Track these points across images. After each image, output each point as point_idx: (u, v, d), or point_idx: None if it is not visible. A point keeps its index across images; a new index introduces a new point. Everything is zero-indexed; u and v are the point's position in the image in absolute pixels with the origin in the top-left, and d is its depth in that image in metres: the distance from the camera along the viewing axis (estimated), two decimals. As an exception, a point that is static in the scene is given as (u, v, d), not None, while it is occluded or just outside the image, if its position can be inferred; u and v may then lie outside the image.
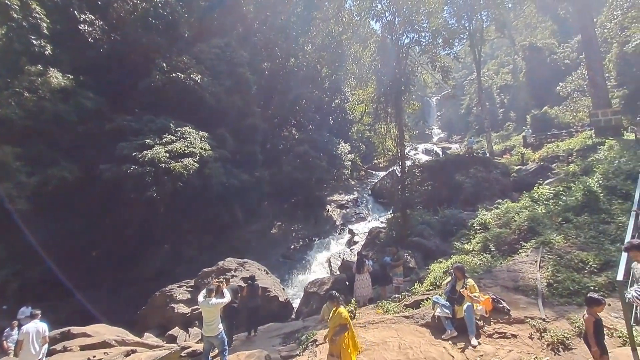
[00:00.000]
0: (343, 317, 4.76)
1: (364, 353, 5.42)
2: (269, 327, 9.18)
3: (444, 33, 23.71)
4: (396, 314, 6.86)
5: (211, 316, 6.11)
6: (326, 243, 18.87)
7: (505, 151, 27.65)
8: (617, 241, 6.82)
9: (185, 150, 16.79)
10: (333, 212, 22.65)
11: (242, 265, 12.42)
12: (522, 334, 5.33)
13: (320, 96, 30.28)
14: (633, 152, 11.98)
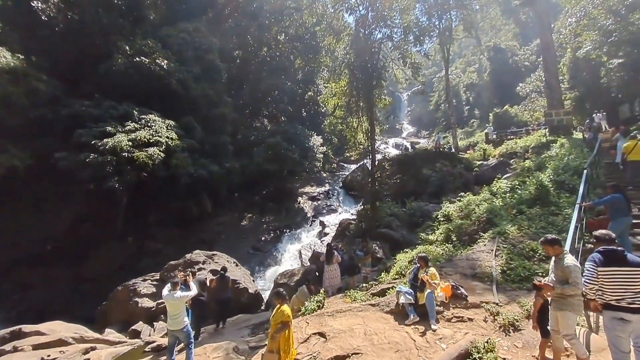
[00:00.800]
0: (285, 314, 4.85)
1: (331, 340, 5.58)
2: (238, 318, 9.15)
3: (415, 30, 24.31)
4: (363, 302, 7.09)
5: (176, 309, 5.99)
6: (297, 235, 18.96)
7: (469, 147, 29.05)
8: (564, 231, 7.44)
9: (150, 139, 16.04)
10: (304, 204, 22.73)
11: (211, 258, 12.21)
12: (478, 318, 5.71)
13: (293, 88, 30.00)
14: (580, 150, 13.09)
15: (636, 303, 3.24)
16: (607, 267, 3.40)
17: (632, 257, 3.44)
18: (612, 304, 3.36)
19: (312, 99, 31.49)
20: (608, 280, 3.37)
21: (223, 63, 23.69)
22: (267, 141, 23.19)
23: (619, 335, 3.34)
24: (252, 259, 16.98)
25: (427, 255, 6.82)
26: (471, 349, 4.65)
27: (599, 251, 3.56)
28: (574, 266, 3.78)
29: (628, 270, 3.32)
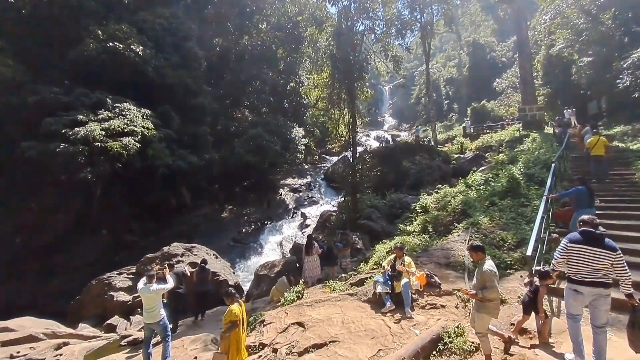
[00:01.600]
0: (233, 314, 4.82)
1: (310, 329, 5.68)
2: (217, 310, 9.12)
3: (397, 23, 24.42)
4: (341, 292, 7.24)
5: (152, 302, 5.91)
6: (278, 226, 18.95)
7: (448, 140, 29.76)
8: (532, 222, 7.82)
9: (124, 129, 15.48)
10: (286, 196, 22.70)
11: (190, 250, 12.05)
12: (450, 304, 5.97)
13: (275, 78, 29.56)
14: (550, 144, 13.72)
15: (588, 278, 3.71)
16: (577, 245, 3.84)
17: (609, 242, 3.77)
18: (572, 277, 3.87)
19: (294, 90, 31.13)
20: (574, 255, 3.84)
21: (202, 51, 23.00)
22: (248, 132, 22.86)
23: (572, 303, 3.94)
24: (232, 251, 16.87)
25: (403, 245, 7.02)
26: (442, 334, 4.87)
27: (579, 231, 3.96)
28: (490, 271, 4.03)
29: (596, 250, 3.71)
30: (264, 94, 28.81)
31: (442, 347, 4.70)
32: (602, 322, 3.74)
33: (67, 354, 7.65)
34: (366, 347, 4.99)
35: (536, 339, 4.56)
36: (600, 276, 3.69)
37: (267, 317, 6.61)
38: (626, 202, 8.22)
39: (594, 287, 3.70)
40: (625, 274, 3.61)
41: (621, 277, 3.64)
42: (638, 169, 10.08)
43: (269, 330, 6.10)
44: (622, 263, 3.62)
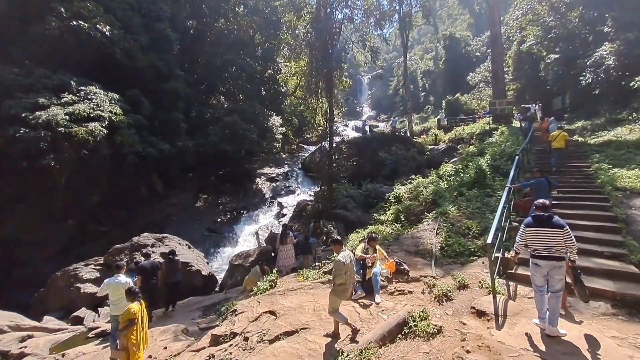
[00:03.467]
0: (131, 312, 4.82)
1: (281, 317, 5.76)
2: (189, 301, 9.04)
3: (376, 13, 24.42)
4: (314, 280, 7.35)
5: (118, 294, 5.79)
6: (254, 216, 18.82)
7: (423, 132, 30.40)
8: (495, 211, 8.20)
9: (90, 114, 14.72)
10: (263, 185, 22.51)
11: (161, 241, 11.76)
12: (417, 290, 6.22)
13: (252, 64, 28.78)
14: (515, 137, 14.38)
15: (543, 253, 4.38)
16: (532, 228, 4.53)
17: (556, 220, 4.42)
18: (532, 253, 4.53)
19: (272, 77, 30.53)
20: (531, 236, 4.53)
21: (175, 33, 22.00)
22: (223, 120, 22.29)
23: (535, 275, 4.57)
24: (207, 240, 16.64)
25: (375, 234, 7.20)
26: (408, 318, 5.07)
27: (532, 215, 4.70)
28: (337, 261, 4.72)
29: (547, 230, 4.40)
30: (241, 81, 28.07)
31: (408, 330, 4.89)
32: (557, 289, 4.38)
33: (32, 346, 7.39)
34: (336, 333, 5.13)
35: (493, 321, 4.86)
36: (553, 251, 4.34)
37: (239, 306, 6.62)
38: (581, 193, 8.81)
39: (549, 260, 4.36)
40: (572, 245, 4.31)
41: (570, 248, 4.33)
42: (594, 162, 10.79)
43: (240, 320, 6.12)
44: (570, 237, 4.30)
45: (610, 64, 16.85)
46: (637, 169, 9.43)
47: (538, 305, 4.59)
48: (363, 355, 4.29)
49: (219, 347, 5.42)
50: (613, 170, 9.68)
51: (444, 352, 4.27)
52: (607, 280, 5.53)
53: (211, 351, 5.44)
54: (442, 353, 4.26)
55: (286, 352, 4.74)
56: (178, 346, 6.13)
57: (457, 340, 4.49)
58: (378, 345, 4.54)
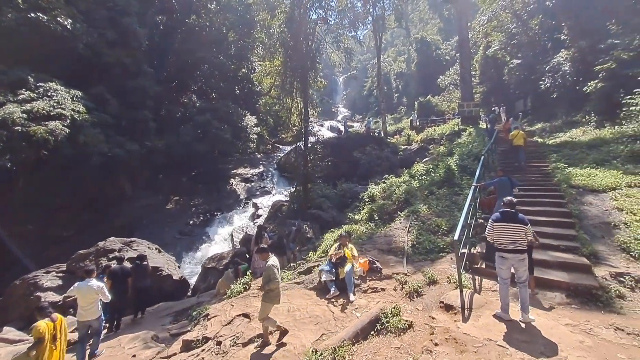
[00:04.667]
0: (37, 331, 4.38)
1: (255, 320, 5.71)
2: (159, 307, 8.73)
3: (350, 15, 24.69)
4: (289, 281, 7.35)
5: (90, 299, 5.67)
6: (229, 217, 18.46)
7: (397, 132, 31.09)
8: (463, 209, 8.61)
9: (51, 112, 13.87)
10: (237, 186, 22.12)
11: (129, 245, 11.26)
12: (389, 287, 6.37)
13: (226, 63, 28.19)
14: (481, 138, 15.09)
15: (509, 247, 4.71)
16: (499, 223, 4.85)
17: (521, 217, 4.81)
18: (498, 247, 4.85)
19: (246, 76, 30.06)
20: (498, 231, 4.84)
21: (143, 29, 21.12)
22: (195, 119, 21.70)
23: (501, 267, 4.86)
24: (178, 243, 16.13)
25: (347, 234, 7.31)
26: (380, 315, 5.20)
27: (499, 211, 5.01)
28: (268, 267, 4.82)
29: (512, 225, 4.75)
30: (214, 79, 27.45)
31: (380, 327, 5.01)
32: (522, 279, 4.74)
33: (-8, 358, 6.86)
34: (310, 333, 5.16)
35: (460, 314, 5.08)
36: (517, 245, 4.70)
37: (211, 310, 6.49)
38: (540, 191, 9.40)
39: (513, 253, 4.71)
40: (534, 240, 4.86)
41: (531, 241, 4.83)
42: (551, 162, 11.54)
43: (213, 324, 6.00)
44: (532, 233, 4.79)
45: (566, 69, 18.06)
46: (588, 168, 10.19)
47: (502, 297, 4.86)
48: (337, 354, 4.35)
49: (191, 353, 5.30)
50: (568, 169, 10.40)
51: (414, 346, 4.42)
52: (562, 272, 5.94)
53: (182, 357, 5.31)
54: (413, 347, 4.40)
55: (260, 354, 4.72)
56: (148, 353, 5.92)
57: (426, 334, 4.66)
58: (351, 343, 4.62)
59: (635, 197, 7.93)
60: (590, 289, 5.42)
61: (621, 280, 5.68)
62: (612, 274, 5.83)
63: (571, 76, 17.71)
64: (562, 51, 18.97)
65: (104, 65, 17.58)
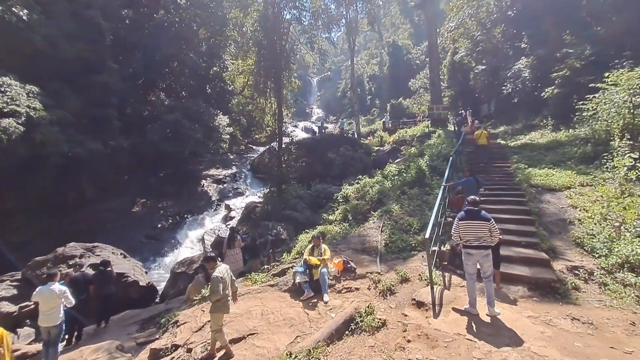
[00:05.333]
0: None
1: (228, 325, 5.55)
2: (125, 315, 8.28)
3: (324, 16, 24.85)
4: (263, 283, 7.23)
5: (52, 304, 5.49)
6: (200, 220, 17.89)
7: (370, 133, 31.62)
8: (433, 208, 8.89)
9: (3, 108, 12.84)
10: (209, 187, 21.51)
11: (91, 250, 10.60)
12: (363, 287, 6.44)
13: (197, 60, 27.33)
14: (450, 140, 15.70)
15: (474, 243, 4.93)
16: (464, 221, 5.05)
17: (484, 214, 5.05)
18: (465, 244, 5.05)
19: (218, 74, 29.30)
20: (464, 229, 5.04)
21: (107, 22, 20.00)
22: (164, 118, 20.84)
23: (467, 263, 5.08)
24: (146, 248, 15.42)
25: (320, 234, 7.31)
26: (355, 315, 5.24)
27: (464, 210, 5.26)
28: (214, 277, 4.63)
29: (476, 222, 4.97)
30: (184, 77, 26.50)
31: (354, 326, 5.05)
32: (488, 274, 4.98)
33: None
34: (284, 336, 5.10)
35: (431, 310, 5.22)
36: (481, 241, 4.92)
37: (181, 317, 6.25)
38: (503, 190, 9.90)
39: (478, 249, 4.93)
40: (497, 234, 4.96)
41: (494, 236, 4.94)
42: (513, 163, 12.21)
43: (183, 331, 5.78)
44: (495, 228, 4.95)
45: (526, 76, 19.19)
46: (546, 168, 10.88)
47: (469, 293, 5.06)
48: (311, 355, 4.32)
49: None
50: (528, 169, 11.05)
51: (388, 343, 4.49)
52: (525, 266, 6.29)
53: (150, 367, 5.07)
54: (386, 345, 4.47)
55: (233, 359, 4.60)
56: (111, 365, 5.59)
57: (399, 331, 4.74)
58: (326, 344, 4.61)
59: (587, 195, 8.56)
60: (549, 282, 5.78)
61: (576, 273, 6.10)
62: (568, 267, 6.24)
63: (530, 82, 18.84)
64: (522, 58, 20.14)
65: (64, 60, 16.47)
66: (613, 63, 11.65)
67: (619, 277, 5.74)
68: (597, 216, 7.42)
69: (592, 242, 6.74)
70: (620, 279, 5.71)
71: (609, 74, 10.64)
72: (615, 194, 7.73)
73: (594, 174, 9.49)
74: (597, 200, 8.09)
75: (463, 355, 3.96)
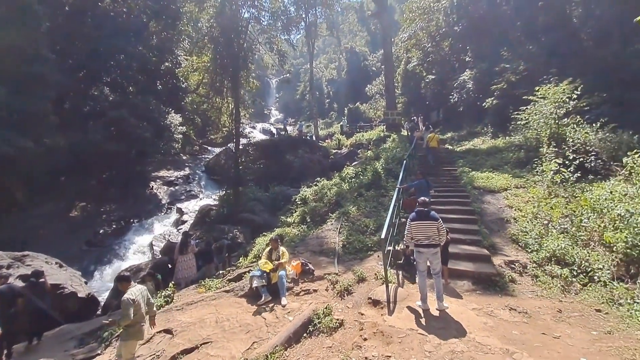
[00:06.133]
0: None
1: (179, 335, 5.27)
2: (61, 330, 7.44)
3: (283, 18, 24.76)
4: (218, 290, 6.97)
5: None
6: (148, 225, 16.72)
7: (328, 136, 32.08)
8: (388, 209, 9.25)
9: None
10: (158, 190, 20.22)
11: (20, 260, 9.40)
12: (321, 288, 6.49)
13: (146, 54, 25.56)
14: (404, 144, 16.51)
15: (424, 242, 5.20)
16: (415, 221, 5.33)
17: (433, 214, 5.37)
18: (416, 243, 5.30)
19: (170, 70, 27.67)
20: (415, 229, 5.31)
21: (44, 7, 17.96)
22: (108, 114, 19.20)
23: (418, 261, 5.35)
24: (86, 256, 14.05)
25: (278, 237, 7.25)
26: (313, 317, 5.26)
27: (415, 211, 5.51)
28: (124, 300, 4.15)
29: (426, 222, 5.26)
30: (131, 71, 24.62)
31: (312, 328, 5.07)
32: (437, 271, 5.28)
33: None
34: (240, 343, 4.96)
35: (386, 308, 5.41)
36: (431, 240, 5.20)
37: (127, 328, 5.78)
38: (451, 192, 10.63)
39: (428, 247, 5.20)
40: (443, 234, 5.31)
41: (441, 236, 5.26)
42: (459, 167, 13.16)
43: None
44: (442, 227, 5.29)
45: (470, 87, 20.84)
46: (487, 172, 11.88)
47: (421, 289, 5.33)
48: (269, 360, 4.25)
49: (100, 381, 4.64)
50: (472, 173, 11.98)
51: (345, 343, 4.57)
52: (469, 262, 6.78)
53: (89, 386, 4.62)
54: (343, 344, 4.54)
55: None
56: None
57: (356, 330, 4.85)
58: (284, 348, 4.57)
59: (521, 196, 9.50)
60: (490, 276, 6.30)
61: (512, 267, 6.72)
62: (506, 262, 6.86)
63: (474, 93, 20.49)
64: (467, 71, 21.83)
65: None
66: (542, 78, 13.07)
67: (548, 270, 6.43)
68: (529, 215, 8.26)
69: (525, 238, 7.47)
70: (548, 271, 6.40)
71: (539, 88, 11.95)
72: (544, 195, 8.68)
73: (527, 177, 10.56)
74: (529, 200, 9.00)
75: (415, 350, 4.16)
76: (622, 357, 3.95)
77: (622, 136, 10.12)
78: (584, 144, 10.15)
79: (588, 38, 15.76)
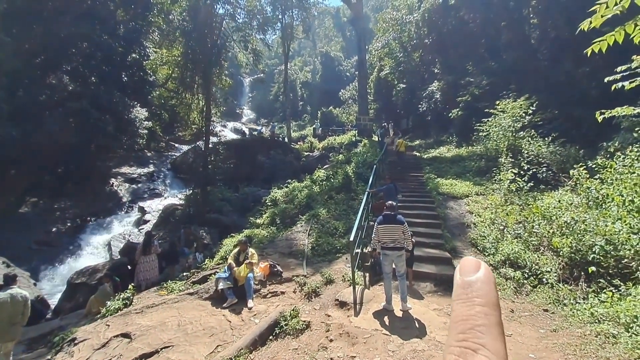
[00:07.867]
0: None
1: (138, 339, 5.03)
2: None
3: (259, 17, 24.56)
4: (181, 292, 6.73)
5: None
6: (107, 223, 15.76)
7: (300, 139, 32.07)
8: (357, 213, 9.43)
9: None
10: (119, 187, 19.13)
11: (-45, 261, 8.52)
12: (289, 290, 6.48)
13: (112, 44, 24.16)
14: (375, 149, 16.92)
15: (390, 245, 5.35)
16: (382, 225, 5.48)
17: (399, 218, 5.53)
18: (382, 245, 5.44)
19: (138, 62, 26.30)
20: (382, 232, 5.47)
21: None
22: (67, 105, 17.93)
23: (384, 263, 5.47)
24: (36, 256, 12.97)
25: (247, 238, 7.16)
26: (279, 319, 5.24)
27: (382, 215, 5.66)
28: None
29: (392, 226, 5.42)
30: (94, 61, 23.16)
31: (279, 330, 5.05)
32: (402, 272, 5.43)
33: None
34: (203, 346, 4.83)
35: (352, 309, 5.51)
36: (396, 243, 5.36)
37: (80, 333, 5.43)
38: (417, 197, 11.03)
39: (393, 250, 5.35)
40: (409, 238, 5.44)
41: (407, 240, 5.40)
42: (425, 173, 13.71)
43: (82, 349, 5.03)
44: (407, 231, 5.45)
45: (438, 97, 21.81)
46: (451, 179, 12.47)
47: (386, 290, 5.47)
48: (233, 364, 4.18)
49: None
50: (437, 179, 12.52)
51: (311, 345, 4.59)
52: (432, 265, 7.07)
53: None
54: (310, 346, 4.56)
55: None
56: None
57: (322, 331, 4.90)
58: (249, 351, 4.52)
59: (480, 203, 10.06)
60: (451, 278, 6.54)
61: (471, 270, 7.08)
62: (466, 265, 7.22)
63: (441, 103, 21.46)
64: (435, 82, 22.83)
65: None
66: (502, 93, 13.97)
67: (502, 272, 6.86)
68: (487, 221, 8.77)
69: (483, 242, 7.93)
70: (503, 274, 6.83)
71: (499, 102, 12.77)
72: (501, 202, 9.26)
73: (486, 185, 11.21)
74: (487, 207, 9.56)
75: (380, 349, 4.28)
76: (565, 352, 4.31)
77: (570, 150, 11.05)
78: (537, 156, 10.97)
79: (544, 58, 17.06)
